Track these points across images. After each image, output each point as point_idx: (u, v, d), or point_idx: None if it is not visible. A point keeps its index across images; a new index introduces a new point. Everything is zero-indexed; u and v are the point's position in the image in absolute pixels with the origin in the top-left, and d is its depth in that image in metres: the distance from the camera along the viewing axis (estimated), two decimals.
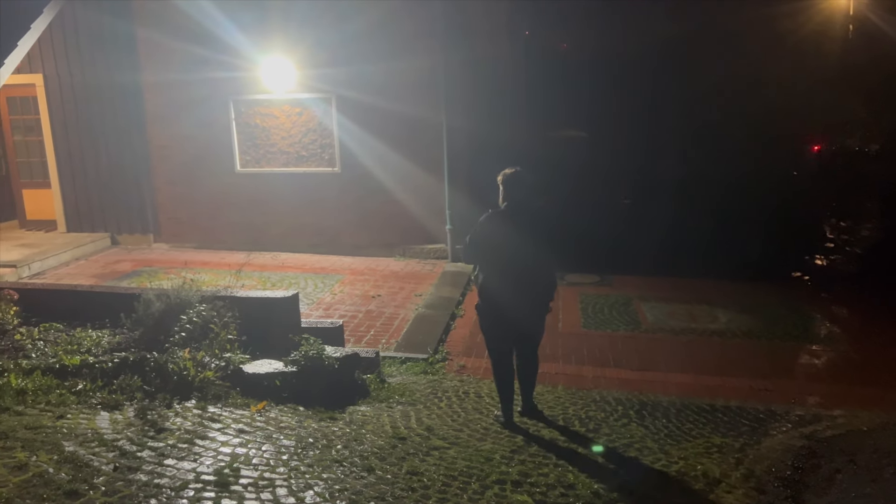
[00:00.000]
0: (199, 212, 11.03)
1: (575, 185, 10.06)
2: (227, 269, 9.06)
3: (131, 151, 10.95)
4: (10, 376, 4.71)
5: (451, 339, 7.28)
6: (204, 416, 4.45)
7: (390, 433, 4.52)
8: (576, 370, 6.41)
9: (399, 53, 9.81)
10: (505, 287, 4.63)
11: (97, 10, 10.49)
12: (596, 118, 10.19)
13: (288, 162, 10.73)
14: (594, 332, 7.47)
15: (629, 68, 9.90)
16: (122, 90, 10.73)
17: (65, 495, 3.28)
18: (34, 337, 5.58)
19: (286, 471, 3.75)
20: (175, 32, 10.21)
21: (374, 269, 9.96)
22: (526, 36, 10.27)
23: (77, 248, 10.49)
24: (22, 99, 11.24)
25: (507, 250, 4.61)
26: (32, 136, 11.38)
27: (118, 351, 5.23)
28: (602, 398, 5.64)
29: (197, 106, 10.60)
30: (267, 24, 10.07)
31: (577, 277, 9.53)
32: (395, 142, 10.11)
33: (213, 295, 5.84)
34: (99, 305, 6.10)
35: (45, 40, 10.38)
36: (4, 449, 3.73)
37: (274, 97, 10.47)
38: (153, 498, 3.32)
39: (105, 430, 4.08)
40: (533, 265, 4.65)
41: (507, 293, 4.61)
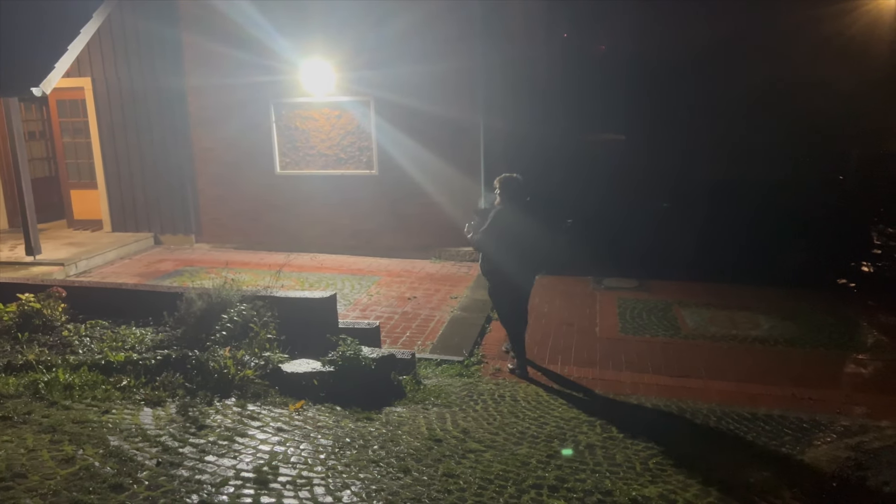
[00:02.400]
0: (240, 213, 11.22)
1: (612, 188, 9.96)
2: (267, 270, 9.18)
3: (175, 154, 11.19)
4: (59, 371, 4.85)
5: (486, 342, 7.27)
6: (243, 414, 4.52)
7: (426, 435, 4.53)
8: (614, 376, 6.33)
9: (437, 55, 9.85)
10: (511, 259, 6.03)
11: (144, 15, 10.75)
12: (633, 121, 10.08)
13: (327, 164, 10.84)
14: (632, 338, 7.38)
15: (668, 71, 9.76)
16: (167, 94, 10.98)
17: (110, 489, 3.36)
18: (81, 333, 5.73)
19: (324, 470, 3.79)
20: (219, 37, 10.41)
21: (410, 270, 10.00)
22: (563, 38, 10.22)
23: (122, 248, 10.75)
24: (71, 102, 11.57)
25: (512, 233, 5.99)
26: (80, 137, 11.70)
27: (161, 348, 5.35)
28: (640, 404, 5.57)
29: (239, 109, 10.79)
30: (308, 28, 10.20)
31: (615, 282, 9.43)
32: (432, 144, 10.15)
33: (253, 295, 5.93)
34: (142, 303, 6.25)
35: (93, 45, 10.67)
36: (53, 442, 3.84)
37: (314, 100, 10.60)
38: (194, 493, 3.38)
39: (148, 426, 4.17)
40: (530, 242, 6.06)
41: (512, 264, 6.05)
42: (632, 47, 9.86)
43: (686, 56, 9.63)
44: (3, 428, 4.02)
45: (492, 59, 9.84)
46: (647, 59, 9.82)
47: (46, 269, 9.44)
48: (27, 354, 5.20)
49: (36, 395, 4.55)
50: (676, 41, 9.60)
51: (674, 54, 9.68)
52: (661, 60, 9.77)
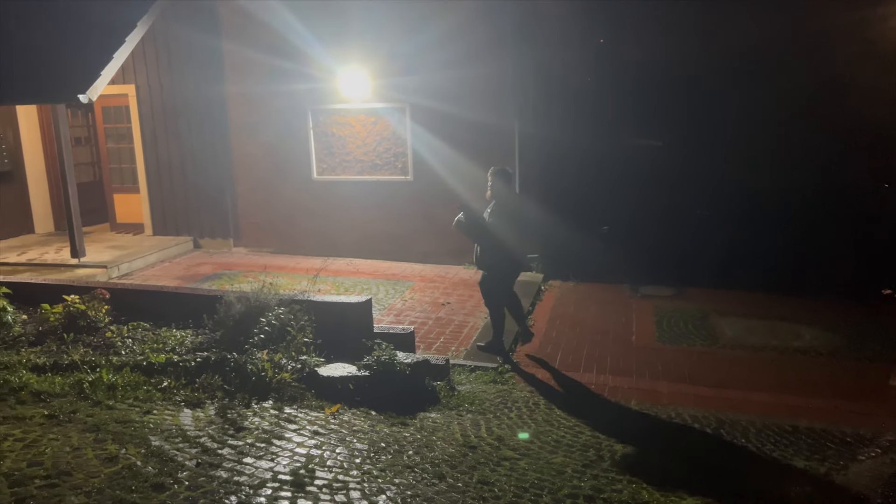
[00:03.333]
0: (277, 218, 11.37)
1: (648, 195, 9.85)
2: (303, 274, 9.28)
3: (215, 159, 11.40)
4: (103, 372, 4.97)
5: (520, 348, 7.24)
6: (280, 417, 4.57)
7: (461, 441, 4.53)
8: (650, 385, 6.26)
9: (472, 61, 9.88)
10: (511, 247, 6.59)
11: (186, 24, 11.00)
12: (670, 126, 9.94)
13: (362, 170, 10.94)
14: (669, 347, 7.29)
15: (706, 77, 9.61)
16: (208, 101, 11.20)
17: (151, 488, 3.42)
18: (123, 335, 5.86)
19: (359, 474, 3.81)
20: (258, 46, 10.60)
21: (444, 276, 10.02)
22: (599, 43, 10.15)
23: (162, 251, 10.98)
24: (115, 108, 11.87)
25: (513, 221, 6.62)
26: (124, 143, 11.99)
27: (200, 350, 5.44)
28: (677, 414, 5.49)
29: (277, 116, 10.96)
30: (346, 36, 10.32)
31: (652, 290, 9.32)
32: (467, 149, 10.16)
33: (290, 298, 6.01)
34: (183, 306, 6.37)
35: (137, 53, 10.93)
36: (97, 441, 3.93)
37: (350, 107, 10.71)
38: (233, 495, 3.42)
39: (188, 427, 4.25)
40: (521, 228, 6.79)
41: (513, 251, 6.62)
42: (669, 51, 9.73)
43: (725, 60, 9.48)
44: (49, 426, 4.13)
45: (526, 63, 9.83)
46: (685, 64, 9.69)
47: (90, 271, 9.68)
48: (72, 354, 5.34)
49: (81, 395, 4.67)
50: (716, 45, 9.44)
51: (712, 59, 9.53)
52: (699, 65, 9.63)
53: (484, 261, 6.71)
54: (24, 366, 5.14)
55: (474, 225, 6.62)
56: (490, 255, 6.64)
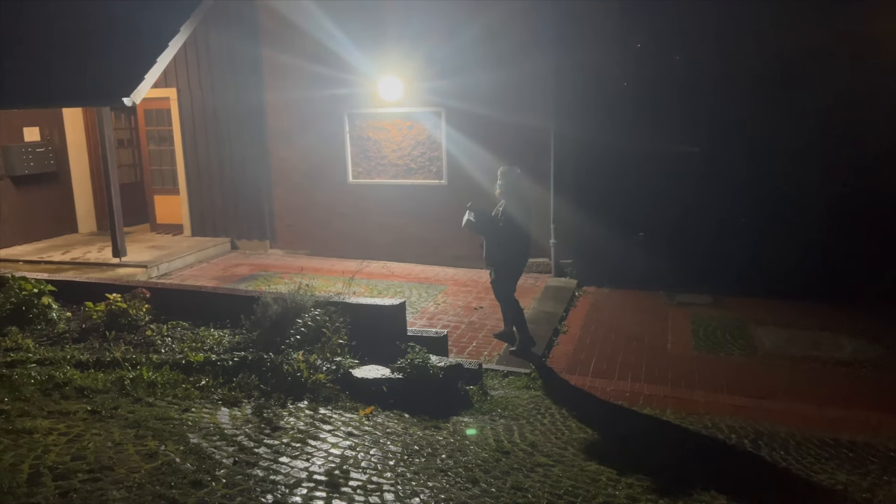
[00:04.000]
0: (313, 220, 11.49)
1: (685, 201, 9.72)
2: (337, 276, 9.37)
3: (253, 163, 11.57)
4: (143, 369, 5.07)
5: (553, 354, 7.20)
6: (315, 417, 4.61)
7: (494, 446, 4.52)
8: (686, 394, 6.17)
9: (507, 63, 9.88)
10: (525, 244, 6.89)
11: (227, 31, 11.21)
12: (710, 132, 9.77)
13: (397, 174, 11.00)
14: (706, 355, 7.17)
15: (748, 82, 9.45)
16: (247, 105, 11.38)
17: (190, 484, 3.48)
18: (163, 333, 5.98)
19: (393, 476, 3.83)
20: (297, 52, 10.76)
21: (477, 280, 10.00)
22: (637, 45, 10.06)
23: (200, 252, 11.18)
24: (157, 111, 12.13)
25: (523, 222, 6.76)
26: (165, 145, 12.25)
27: (237, 350, 5.52)
28: (714, 424, 5.40)
29: (314, 120, 11.09)
30: (383, 41, 10.40)
31: (688, 297, 9.19)
32: (502, 153, 10.13)
33: (325, 300, 6.06)
34: (220, 306, 6.48)
35: (179, 57, 11.16)
36: (137, 437, 4.01)
37: (386, 111, 10.78)
38: (269, 493, 3.47)
39: (225, 425, 4.31)
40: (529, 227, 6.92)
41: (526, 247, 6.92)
42: (710, 56, 9.59)
43: (768, 67, 9.31)
44: (92, 421, 4.23)
45: (563, 65, 9.78)
46: (726, 68, 9.54)
47: (131, 270, 9.90)
48: (114, 352, 5.47)
49: (122, 392, 4.78)
50: (759, 52, 9.29)
51: (756, 66, 9.38)
52: (742, 72, 9.47)
53: (493, 259, 6.88)
54: (68, 362, 5.28)
55: (484, 224, 6.80)
56: (499, 253, 6.81)
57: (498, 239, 6.79)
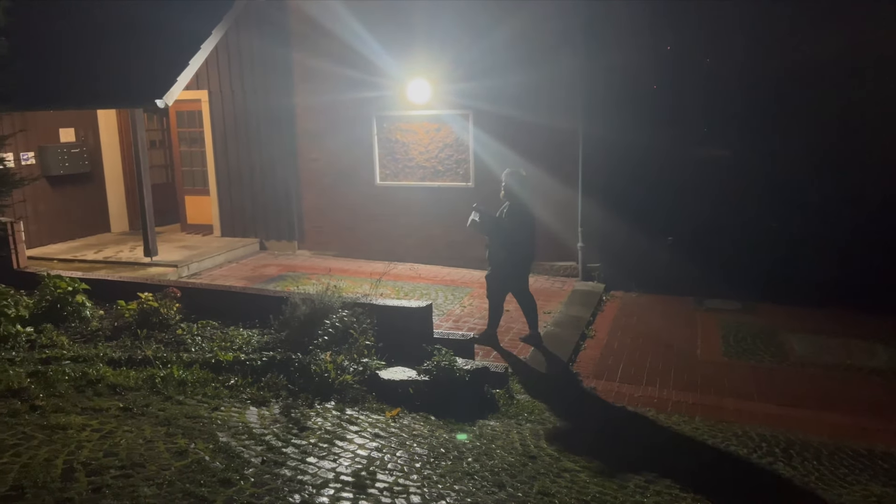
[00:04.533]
0: (340, 222, 11.56)
1: (716, 205, 9.59)
2: (364, 278, 9.41)
3: (282, 164, 11.68)
4: (174, 368, 5.14)
5: (581, 359, 7.15)
6: (342, 418, 4.64)
7: (520, 450, 4.50)
8: (715, 401, 6.08)
9: (536, 65, 9.83)
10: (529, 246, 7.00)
11: (258, 34, 11.34)
12: (740, 135, 9.63)
13: (424, 176, 11.02)
14: (736, 362, 7.07)
15: (778, 84, 9.30)
16: (277, 107, 11.49)
17: (219, 483, 3.52)
18: (193, 332, 6.06)
19: (419, 479, 3.83)
20: (326, 55, 10.84)
21: None
22: (668, 50, 9.97)
23: (229, 252, 11.31)
24: (189, 113, 12.31)
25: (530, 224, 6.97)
26: (196, 147, 12.41)
27: (266, 350, 5.58)
28: (744, 433, 5.32)
29: (343, 123, 11.16)
30: (411, 44, 10.43)
31: (718, 303, 9.06)
32: (529, 155, 10.10)
33: (353, 301, 6.10)
34: (249, 306, 6.55)
35: (210, 60, 11.31)
36: (168, 435, 4.07)
37: (414, 113, 10.81)
38: (297, 493, 3.49)
39: (254, 425, 4.36)
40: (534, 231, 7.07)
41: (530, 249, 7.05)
42: (740, 58, 9.47)
43: (803, 72, 9.16)
44: (124, 418, 4.30)
45: (592, 67, 9.71)
46: (757, 71, 9.40)
47: (162, 269, 10.04)
48: (146, 350, 5.55)
49: (153, 389, 4.85)
50: (788, 52, 9.15)
51: (784, 66, 9.22)
52: (771, 72, 9.32)
53: (493, 258, 7.03)
54: (100, 359, 5.37)
55: (488, 225, 6.93)
56: (498, 253, 6.95)
57: (501, 240, 6.92)
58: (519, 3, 9.83)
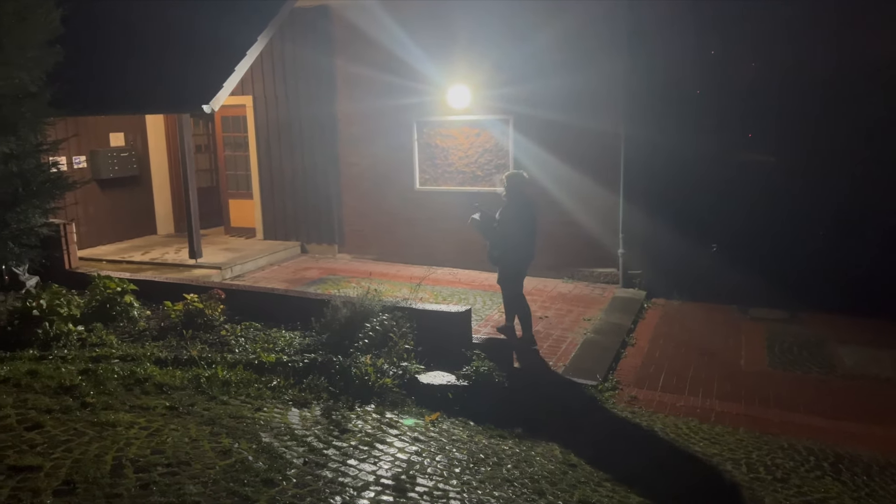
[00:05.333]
0: (380, 226, 11.65)
1: (761, 211, 9.40)
2: (403, 282, 9.46)
3: (324, 169, 11.82)
4: (218, 368, 5.24)
5: (621, 367, 7.06)
6: (382, 421, 4.67)
7: (560, 458, 4.47)
8: (760, 412, 5.95)
9: (578, 68, 9.76)
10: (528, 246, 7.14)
11: (302, 41, 11.51)
12: (787, 140, 9.43)
13: (463, 181, 11.03)
14: (781, 373, 6.90)
15: (829, 90, 9.07)
16: (319, 113, 11.64)
17: (262, 483, 3.58)
18: (237, 333, 6.17)
19: (458, 484, 3.83)
20: (368, 62, 10.95)
21: (542, 289, 9.93)
22: (712, 54, 9.82)
23: (272, 255, 11.48)
24: (234, 118, 12.55)
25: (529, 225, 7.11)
26: (240, 151, 12.65)
27: (307, 352, 5.65)
28: (790, 445, 5.19)
29: (384, 128, 11.25)
30: (453, 49, 10.47)
31: (763, 312, 8.87)
32: (570, 158, 10.06)
33: (393, 305, 6.14)
34: (291, 308, 6.64)
35: (255, 66, 11.50)
36: (213, 434, 4.15)
37: (455, 118, 10.84)
38: (338, 495, 3.52)
39: (296, 426, 4.41)
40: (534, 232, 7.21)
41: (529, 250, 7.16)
42: (787, 62, 9.27)
43: (845, 72, 8.93)
44: (170, 417, 4.40)
45: (635, 71, 9.60)
46: (803, 75, 9.19)
47: (206, 271, 10.25)
48: (191, 350, 5.67)
49: (198, 389, 4.95)
50: (835, 56, 8.93)
51: (830, 70, 9.01)
52: (817, 76, 9.11)
53: (492, 255, 7.24)
54: (148, 359, 5.51)
55: (486, 224, 7.14)
56: (496, 250, 7.15)
57: (498, 240, 7.11)
58: (562, 8, 9.78)
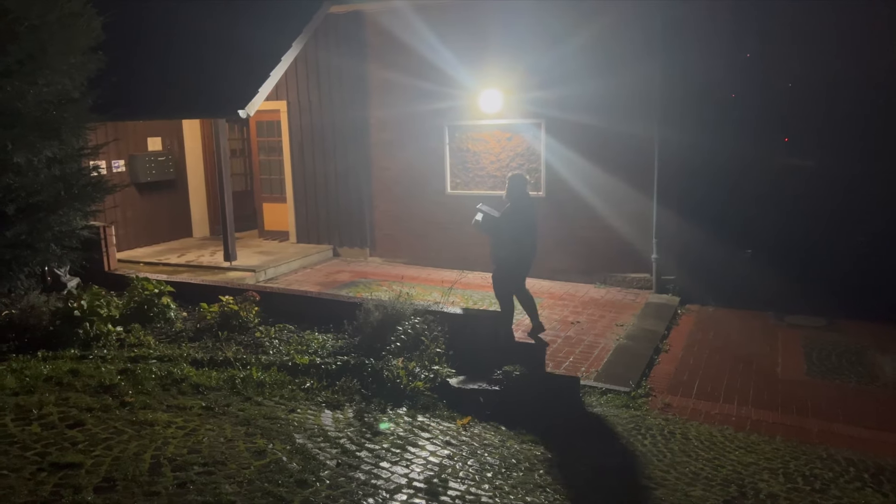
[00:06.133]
0: (411, 230, 11.70)
1: (798, 216, 9.23)
2: (434, 285, 9.47)
3: (355, 173, 11.92)
4: (252, 369, 5.31)
5: (654, 374, 6.98)
6: (414, 424, 4.68)
7: (592, 465, 4.43)
8: (797, 421, 5.83)
9: (612, 72, 9.70)
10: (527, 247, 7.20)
11: (335, 47, 11.63)
12: (824, 144, 9.24)
13: (495, 185, 11.02)
14: (820, 382, 6.76)
15: (864, 91, 8.88)
16: (352, 118, 11.74)
17: (296, 483, 3.61)
18: (271, 335, 6.24)
19: (491, 489, 3.83)
20: (401, 68, 11.03)
21: (574, 294, 9.87)
22: (748, 57, 9.68)
23: (304, 258, 11.60)
24: (268, 123, 12.72)
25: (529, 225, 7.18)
26: (274, 156, 12.81)
27: (340, 354, 5.69)
28: (829, 455, 5.08)
29: (415, 133, 11.31)
30: (485, 54, 10.49)
31: (800, 319, 8.70)
32: (603, 164, 10.00)
33: (424, 309, 6.16)
34: (324, 311, 6.70)
35: (289, 72, 11.65)
36: (247, 434, 4.20)
37: (486, 122, 10.85)
38: (371, 497, 3.54)
39: (329, 427, 4.45)
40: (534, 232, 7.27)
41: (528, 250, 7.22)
42: (825, 63, 9.09)
43: (887, 74, 8.73)
44: (206, 417, 4.47)
45: (670, 73, 9.50)
46: (841, 77, 9.01)
47: (240, 274, 10.39)
48: (226, 351, 5.76)
49: (233, 390, 5.02)
50: (876, 57, 8.73)
51: (872, 72, 8.80)
52: (857, 78, 8.91)
53: (494, 255, 7.32)
54: (184, 359, 5.60)
55: (487, 225, 7.21)
56: (499, 251, 7.21)
57: (501, 239, 7.18)
58: (596, 11, 9.73)
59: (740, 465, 4.72)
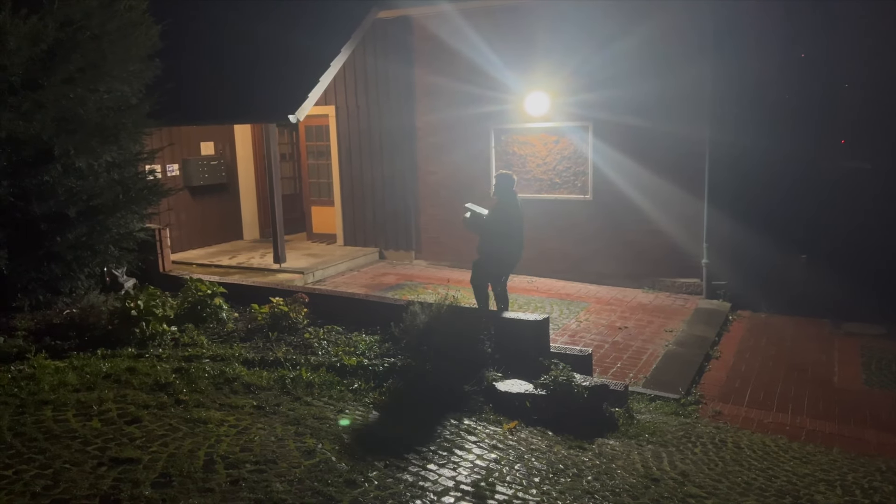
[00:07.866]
0: (456, 233, 11.69)
1: (855, 220, 8.95)
2: None
3: (402, 177, 12.01)
4: (302, 370, 5.39)
5: (705, 381, 6.86)
6: (460, 427, 4.69)
7: (642, 472, 4.38)
8: (856, 432, 5.65)
9: (661, 73, 9.57)
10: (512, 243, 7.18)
11: (383, 52, 11.78)
12: (884, 146, 8.95)
13: (541, 189, 10.98)
14: (879, 391, 6.54)
15: None
16: (399, 122, 11.85)
17: (345, 483, 3.65)
18: (319, 337, 6.33)
19: (538, 493, 3.81)
20: (447, 72, 11.11)
21: (621, 299, 9.76)
22: (802, 55, 9.44)
23: (351, 261, 11.74)
24: (317, 127, 12.92)
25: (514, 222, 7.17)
26: (322, 159, 13.01)
27: (387, 356, 5.74)
28: (889, 468, 4.91)
29: (461, 137, 11.36)
30: (532, 57, 10.47)
31: (857, 326, 8.43)
32: (651, 166, 9.87)
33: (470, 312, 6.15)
34: (372, 313, 6.76)
35: (338, 77, 11.81)
36: (297, 434, 4.27)
37: (532, 126, 10.81)
38: (418, 499, 3.56)
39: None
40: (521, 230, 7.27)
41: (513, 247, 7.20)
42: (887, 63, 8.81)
43: None
44: (257, 416, 4.56)
45: (722, 74, 9.33)
46: None
47: (289, 276, 10.57)
48: (276, 352, 5.86)
49: (283, 390, 5.10)
50: None
51: None
52: None
53: (480, 248, 7.39)
54: (236, 359, 5.71)
55: (475, 222, 7.30)
56: (484, 245, 7.28)
57: (486, 236, 7.25)
58: (645, 12, 9.62)
59: (795, 477, 4.60)
